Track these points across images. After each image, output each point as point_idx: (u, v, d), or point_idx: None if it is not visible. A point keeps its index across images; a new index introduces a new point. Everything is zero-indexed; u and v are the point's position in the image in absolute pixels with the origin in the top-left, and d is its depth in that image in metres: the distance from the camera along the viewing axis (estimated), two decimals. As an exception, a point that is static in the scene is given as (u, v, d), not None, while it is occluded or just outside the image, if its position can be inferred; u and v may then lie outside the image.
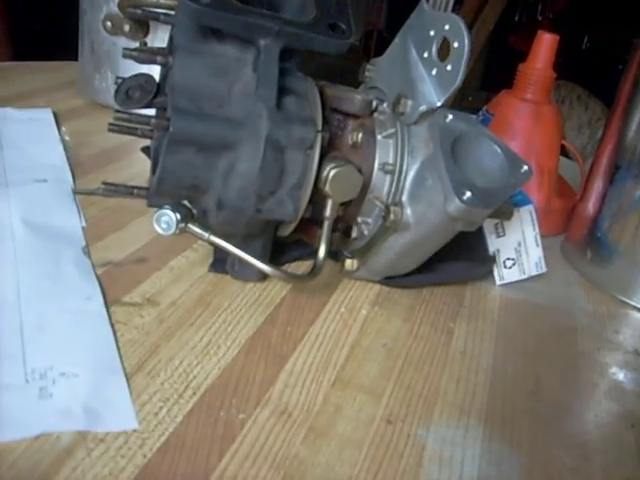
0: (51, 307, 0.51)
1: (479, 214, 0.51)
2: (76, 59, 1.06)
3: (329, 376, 0.50)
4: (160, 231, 0.53)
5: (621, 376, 0.57)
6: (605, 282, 0.72)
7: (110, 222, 0.67)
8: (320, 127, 0.54)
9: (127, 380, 0.45)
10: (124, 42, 0.92)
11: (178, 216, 0.53)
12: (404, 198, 0.55)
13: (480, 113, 0.86)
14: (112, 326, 0.50)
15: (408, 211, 0.54)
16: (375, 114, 0.59)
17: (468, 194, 0.49)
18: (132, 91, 0.59)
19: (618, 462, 0.47)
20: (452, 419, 0.48)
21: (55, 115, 0.93)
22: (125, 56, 0.55)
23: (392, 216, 0.54)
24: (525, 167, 0.53)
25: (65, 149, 0.82)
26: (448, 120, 0.53)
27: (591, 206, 0.75)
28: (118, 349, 0.48)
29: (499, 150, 0.53)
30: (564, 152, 0.92)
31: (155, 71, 0.59)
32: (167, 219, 0.53)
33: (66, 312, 0.51)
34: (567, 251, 0.79)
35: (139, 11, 0.58)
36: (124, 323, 0.52)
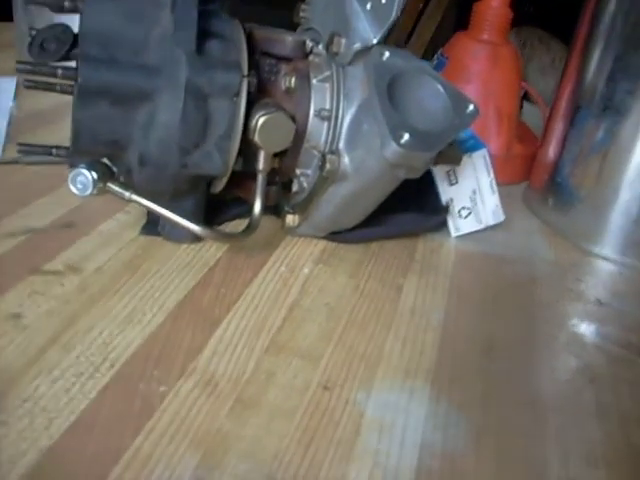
0: None
1: (420, 158, 0.47)
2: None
3: (263, 341, 0.46)
4: (76, 192, 0.49)
5: (582, 328, 0.54)
6: (567, 229, 0.68)
7: (36, 188, 0.62)
8: (246, 72, 0.49)
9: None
10: (57, -4, 0.87)
11: (94, 175, 0.49)
12: (341, 145, 0.51)
13: (435, 57, 0.81)
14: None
15: (345, 159, 0.50)
16: (310, 57, 0.54)
17: (406, 137, 0.45)
18: (47, 43, 0.54)
19: (575, 422, 0.44)
20: (396, 382, 0.44)
21: (17, 85, 0.87)
22: (27, 2, 0.50)
23: (328, 165, 0.50)
24: (471, 106, 0.49)
25: (10, 123, 0.77)
26: (385, 58, 0.49)
27: (552, 150, 0.71)
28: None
29: (442, 89, 0.49)
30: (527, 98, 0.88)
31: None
32: (83, 179, 0.49)
33: None
34: (529, 199, 0.75)
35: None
36: (42, 293, 0.48)
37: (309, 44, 0.54)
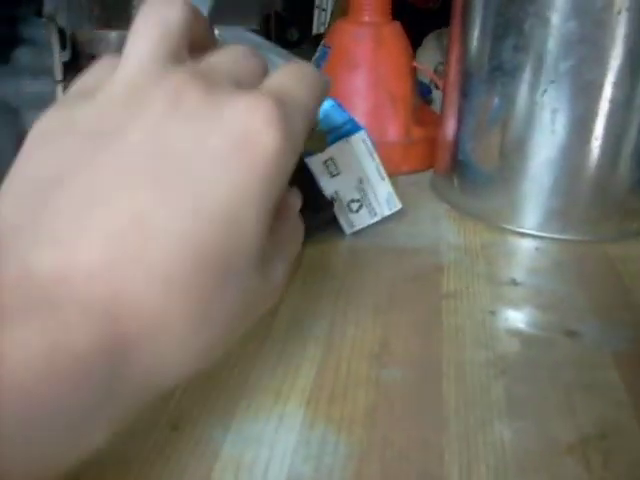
0: None
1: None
2: None
3: None
4: None
5: (495, 313, 0.47)
6: (477, 209, 0.62)
7: None
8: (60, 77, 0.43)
9: None
10: None
11: None
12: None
13: (318, 49, 0.75)
14: None
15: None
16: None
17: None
18: None
19: (483, 421, 0.37)
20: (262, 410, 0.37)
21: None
22: None
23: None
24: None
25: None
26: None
27: (450, 128, 0.64)
28: None
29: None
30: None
31: None
32: None
33: None
34: (435, 184, 0.69)
35: None
36: None
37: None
